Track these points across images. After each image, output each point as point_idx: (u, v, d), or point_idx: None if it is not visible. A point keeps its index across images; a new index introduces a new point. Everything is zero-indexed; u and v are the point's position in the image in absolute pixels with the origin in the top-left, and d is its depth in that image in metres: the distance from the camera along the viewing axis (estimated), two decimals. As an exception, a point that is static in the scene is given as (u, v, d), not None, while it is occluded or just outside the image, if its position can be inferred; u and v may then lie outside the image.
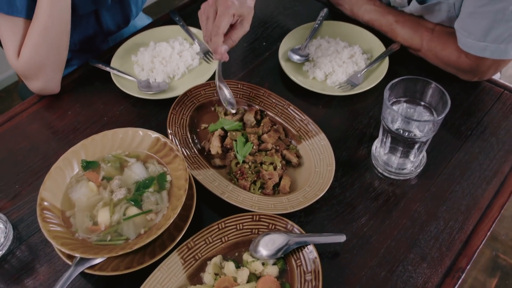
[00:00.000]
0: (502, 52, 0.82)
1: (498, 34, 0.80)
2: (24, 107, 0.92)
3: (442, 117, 0.68)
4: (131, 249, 0.61)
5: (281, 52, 0.98)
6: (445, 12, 0.89)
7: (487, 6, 0.79)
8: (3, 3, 0.85)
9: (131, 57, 0.99)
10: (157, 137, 0.74)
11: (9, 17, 0.87)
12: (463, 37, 0.85)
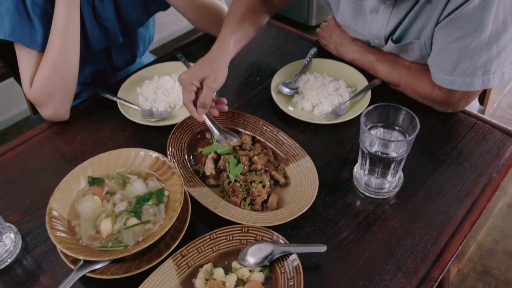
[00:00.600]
0: (469, 84, 0.91)
1: (464, 68, 0.90)
2: (37, 132, 1.01)
3: (413, 137, 0.75)
4: (129, 253, 0.67)
5: (273, 86, 1.07)
6: (418, 51, 0.99)
7: (452, 44, 0.88)
8: (24, 36, 0.96)
9: (137, 88, 1.09)
10: (157, 157, 0.82)
11: (28, 49, 0.97)
12: (435, 72, 0.95)
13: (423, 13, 0.92)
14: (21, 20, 0.96)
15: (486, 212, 1.84)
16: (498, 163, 0.91)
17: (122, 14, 1.13)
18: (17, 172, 0.92)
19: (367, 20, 1.03)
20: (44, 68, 0.97)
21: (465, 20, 0.84)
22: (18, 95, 2.13)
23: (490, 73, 0.89)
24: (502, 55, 0.87)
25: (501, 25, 0.84)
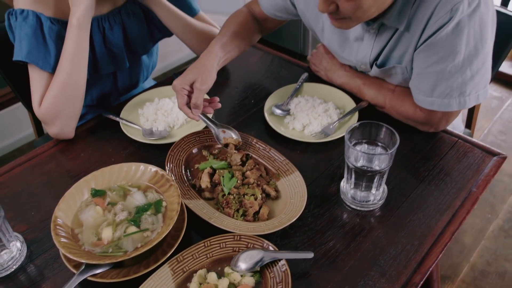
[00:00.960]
0: (447, 105, 0.98)
1: (441, 90, 0.97)
2: (43, 149, 1.07)
3: (393, 150, 0.82)
4: (128, 257, 0.72)
5: (266, 107, 1.14)
6: (400, 75, 1.06)
7: (430, 68, 0.96)
8: (39, 59, 1.04)
9: (138, 110, 1.16)
10: (156, 170, 0.88)
11: (41, 71, 1.05)
12: (415, 94, 1.02)
13: (403, 40, 0.99)
14: (37, 44, 1.04)
15: (479, 235, 1.88)
16: (478, 178, 0.96)
17: (129, 41, 1.21)
18: (24, 186, 0.98)
19: (353, 47, 1.11)
20: (53, 88, 1.04)
21: (439, 45, 0.92)
22: (23, 120, 2.21)
23: (465, 94, 0.96)
24: (475, 78, 0.94)
25: (472, 50, 0.91)
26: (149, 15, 1.24)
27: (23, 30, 1.04)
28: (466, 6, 0.87)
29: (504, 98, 2.67)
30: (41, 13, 1.05)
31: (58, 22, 1.07)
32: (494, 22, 0.96)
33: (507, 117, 2.52)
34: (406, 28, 0.96)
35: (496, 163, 1.00)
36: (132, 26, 1.20)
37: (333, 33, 1.14)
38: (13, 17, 1.05)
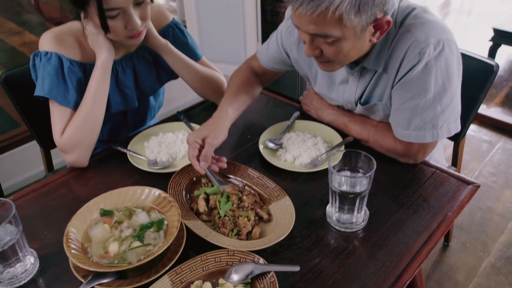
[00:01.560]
0: (422, 137, 1.09)
1: (416, 124, 1.08)
2: (57, 177, 1.17)
3: (372, 173, 0.91)
4: (132, 266, 0.80)
5: (261, 141, 1.25)
6: (382, 111, 1.18)
7: (405, 104, 1.08)
8: (59, 96, 1.17)
9: (144, 143, 1.27)
10: (159, 193, 0.98)
11: (60, 106, 1.17)
12: (394, 128, 1.13)
13: (382, 80, 1.12)
14: (58, 82, 1.17)
15: (471, 272, 1.92)
16: (453, 204, 1.05)
17: (139, 83, 1.34)
18: (38, 208, 1.07)
19: (340, 89, 1.24)
20: (75, 120, 1.16)
21: (412, 84, 1.04)
22: (32, 159, 2.32)
23: (438, 127, 1.07)
24: (446, 112, 1.06)
25: (441, 87, 1.04)
26: (157, 60, 1.38)
27: (46, 69, 1.17)
28: (432, 49, 1.00)
29: (494, 142, 2.79)
30: (63, 55, 1.19)
31: (77, 63, 1.21)
32: (460, 64, 1.08)
33: (497, 159, 2.62)
34: (384, 69, 1.09)
35: (470, 191, 1.09)
36: (142, 70, 1.34)
37: (322, 77, 1.27)
38: (38, 58, 1.19)
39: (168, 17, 1.39)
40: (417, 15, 1.04)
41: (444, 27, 1.04)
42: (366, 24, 0.94)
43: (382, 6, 0.93)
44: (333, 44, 0.98)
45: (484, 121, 3.00)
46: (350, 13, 0.90)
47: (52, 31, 1.20)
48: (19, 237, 0.87)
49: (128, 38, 1.16)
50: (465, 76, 1.52)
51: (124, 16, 1.10)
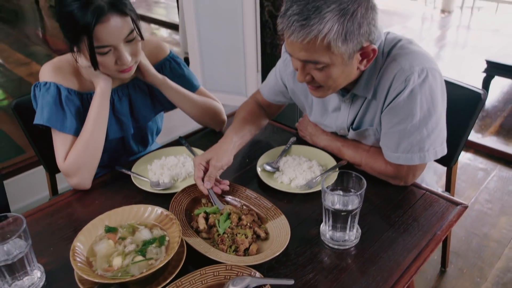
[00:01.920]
0: (410, 159, 1.15)
1: (404, 147, 1.14)
2: (63, 197, 1.23)
3: (362, 191, 0.97)
4: (135, 278, 0.85)
5: (259, 165, 1.31)
6: (373, 136, 1.24)
7: (393, 128, 1.14)
8: (58, 123, 1.23)
9: (147, 166, 1.33)
10: (161, 211, 1.03)
11: (61, 133, 1.24)
12: (384, 151, 1.19)
13: (372, 106, 1.19)
14: (56, 110, 1.24)
15: (468, 298, 1.93)
16: (442, 223, 1.10)
17: (134, 111, 1.41)
18: (44, 226, 1.12)
19: (333, 116, 1.31)
20: (78, 145, 1.22)
21: (399, 109, 1.11)
22: (37, 185, 2.37)
23: (424, 150, 1.13)
24: (431, 136, 1.12)
25: (426, 112, 1.10)
26: (152, 90, 1.44)
27: (45, 98, 1.24)
28: (417, 77, 1.08)
29: (489, 170, 2.84)
30: (61, 84, 1.26)
31: (74, 92, 1.29)
32: (444, 91, 1.16)
33: (492, 187, 2.67)
34: (373, 96, 1.16)
35: (458, 211, 1.14)
36: (137, 99, 1.41)
37: (317, 105, 1.35)
38: (38, 88, 1.27)
39: (166, 51, 1.47)
40: (402, 46, 1.12)
41: (428, 57, 1.12)
42: (353, 52, 1.02)
43: (367, 35, 1.01)
44: (322, 70, 1.06)
45: (479, 149, 3.06)
46: (337, 41, 0.98)
47: (52, 62, 1.28)
48: (28, 251, 0.92)
49: (119, 72, 1.22)
50: (455, 104, 1.60)
51: (115, 52, 1.17)
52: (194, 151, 1.39)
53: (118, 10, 1.12)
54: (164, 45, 1.48)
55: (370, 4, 1.00)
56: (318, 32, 0.97)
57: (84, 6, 1.09)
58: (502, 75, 3.66)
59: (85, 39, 1.12)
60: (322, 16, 0.96)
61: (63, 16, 1.13)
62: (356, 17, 0.97)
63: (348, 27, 0.97)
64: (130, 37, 1.17)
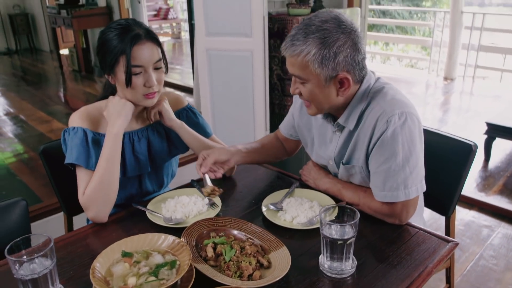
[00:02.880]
0: (396, 197, 1.26)
1: (390, 185, 1.26)
2: (83, 229, 1.34)
3: (355, 221, 1.07)
4: (148, 293, 0.94)
5: (264, 205, 1.42)
6: (359, 174, 1.36)
7: (379, 167, 1.27)
8: (84, 161, 1.38)
9: (161, 204, 1.44)
10: (174, 239, 1.13)
11: (85, 169, 1.38)
12: (374, 190, 1.31)
13: (359, 144, 1.34)
14: (83, 151, 1.39)
15: None
16: (433, 257, 1.18)
17: (152, 152, 1.56)
18: (65, 254, 1.22)
19: (327, 146, 1.47)
20: (93, 180, 1.36)
21: (383, 148, 1.25)
22: (54, 232, 2.47)
23: (408, 187, 1.25)
24: (413, 173, 1.25)
25: (407, 151, 1.24)
26: (169, 135, 1.60)
27: (73, 141, 1.40)
28: (397, 119, 1.24)
29: (494, 227, 2.88)
30: (88, 128, 1.43)
31: (98, 134, 1.45)
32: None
33: (497, 243, 2.70)
34: (357, 132, 1.32)
35: (449, 247, 1.22)
36: (155, 141, 1.56)
37: (317, 138, 1.51)
38: (67, 133, 1.43)
39: (184, 102, 1.67)
40: (387, 93, 1.29)
41: (408, 103, 1.28)
42: (329, 76, 1.23)
43: (346, 66, 1.23)
44: (304, 85, 1.28)
45: (483, 207, 3.11)
46: (314, 62, 1.21)
47: (79, 111, 1.47)
48: (52, 268, 1.01)
49: (144, 96, 1.40)
50: (449, 155, 1.73)
51: (144, 75, 1.37)
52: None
53: (151, 38, 1.38)
54: (183, 97, 1.68)
55: (351, 43, 1.22)
56: (301, 51, 1.21)
57: (125, 33, 1.34)
58: (503, 137, 3.79)
59: (121, 60, 1.33)
60: (306, 40, 1.21)
61: (105, 42, 1.36)
62: (332, 48, 1.20)
63: (324, 54, 1.20)
64: (158, 64, 1.39)
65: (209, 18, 3.11)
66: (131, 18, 1.47)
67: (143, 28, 1.39)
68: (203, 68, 3.28)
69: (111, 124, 1.41)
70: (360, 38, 1.24)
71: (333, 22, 1.22)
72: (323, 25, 1.21)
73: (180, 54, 9.74)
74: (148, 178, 1.60)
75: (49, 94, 6.24)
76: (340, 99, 1.30)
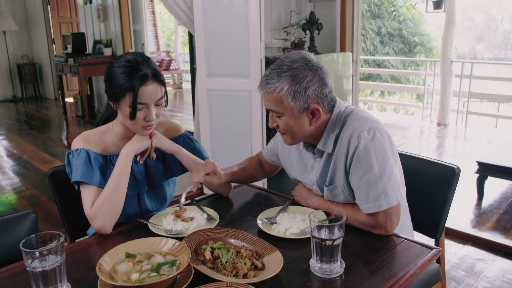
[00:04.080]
0: (379, 206, 1.36)
1: (372, 196, 1.37)
2: (87, 240, 1.42)
3: (343, 222, 1.16)
4: (150, 283, 1.02)
5: (259, 219, 1.51)
6: (342, 193, 1.47)
7: (360, 182, 1.38)
8: (88, 178, 1.48)
9: (162, 218, 1.53)
10: (174, 242, 1.22)
11: (89, 185, 1.48)
12: (359, 204, 1.41)
13: (337, 165, 1.46)
14: (87, 169, 1.51)
15: None
16: (417, 261, 1.26)
17: (149, 172, 1.66)
18: (71, 259, 1.30)
19: (310, 173, 1.57)
20: (103, 194, 1.46)
21: (360, 163, 1.38)
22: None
23: (388, 195, 1.36)
24: (390, 182, 1.37)
25: (382, 162, 1.36)
26: (165, 159, 1.71)
27: (77, 161, 1.52)
28: (366, 134, 1.38)
29: (488, 260, 2.92)
30: (90, 149, 1.55)
31: (100, 155, 1.57)
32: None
33: (491, 275, 2.73)
34: (334, 153, 1.44)
35: (433, 254, 1.30)
36: (151, 163, 1.67)
37: (297, 166, 1.62)
38: (71, 155, 1.55)
39: (181, 130, 1.80)
40: (356, 114, 1.45)
41: (375, 120, 1.43)
42: (301, 108, 1.38)
43: (315, 98, 1.39)
44: (280, 118, 1.42)
45: (477, 242, 3.16)
46: (287, 97, 1.37)
47: (80, 135, 1.60)
48: (61, 264, 1.09)
49: (143, 127, 1.53)
50: (434, 178, 1.85)
51: (146, 110, 1.50)
52: (203, 208, 1.60)
53: (157, 79, 1.50)
54: (180, 126, 1.82)
55: (318, 79, 1.38)
56: (275, 88, 1.37)
57: (134, 72, 1.47)
58: (494, 175, 3.89)
59: (128, 96, 1.46)
60: (279, 78, 1.37)
61: (114, 76, 1.49)
62: (302, 84, 1.36)
63: (296, 89, 1.36)
64: (159, 101, 1.52)
65: (210, 61, 3.32)
66: (139, 54, 1.57)
67: (151, 68, 1.51)
68: (203, 107, 3.45)
69: (125, 147, 1.55)
70: (326, 74, 1.42)
71: (301, 61, 1.38)
72: (293, 65, 1.37)
73: (181, 102, 10.05)
74: (147, 197, 1.70)
75: (52, 138, 6.40)
76: (312, 128, 1.44)
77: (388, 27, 11.97)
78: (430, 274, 1.76)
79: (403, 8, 12.40)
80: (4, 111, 8.50)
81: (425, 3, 7.90)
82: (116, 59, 1.54)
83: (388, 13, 12.25)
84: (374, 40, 11.88)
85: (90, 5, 7.13)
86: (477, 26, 15.94)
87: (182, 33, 10.99)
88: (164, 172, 1.71)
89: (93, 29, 7.25)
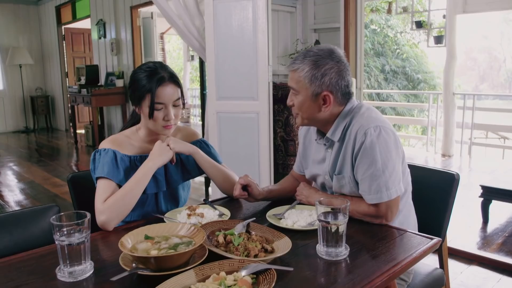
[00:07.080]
0: (380, 198, 1.45)
1: (375, 188, 1.46)
2: (104, 232, 1.51)
3: (347, 206, 1.25)
4: (167, 254, 1.10)
5: (267, 215, 1.59)
6: (348, 184, 1.56)
7: (364, 174, 1.48)
8: (113, 176, 1.58)
9: (177, 214, 1.62)
10: (189, 226, 1.30)
11: (110, 181, 1.58)
12: (363, 195, 1.50)
13: (346, 156, 1.56)
14: (113, 167, 1.61)
15: None
16: (417, 248, 1.33)
17: (168, 173, 1.77)
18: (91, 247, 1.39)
19: (323, 164, 1.67)
20: (118, 193, 1.56)
21: (365, 157, 1.48)
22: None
23: (389, 188, 1.45)
24: (392, 176, 1.46)
25: (385, 158, 1.46)
26: (183, 162, 1.82)
27: (105, 159, 1.63)
28: (373, 131, 1.48)
29: (494, 279, 2.93)
30: (117, 150, 1.66)
31: (126, 156, 1.68)
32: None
33: (497, 293, 2.74)
34: (344, 146, 1.55)
35: (433, 243, 1.37)
36: (170, 165, 1.77)
37: (314, 159, 1.74)
38: (98, 153, 1.66)
39: (198, 136, 1.93)
40: (364, 112, 1.57)
41: (382, 119, 1.54)
42: (315, 92, 1.52)
43: (329, 87, 1.52)
44: (296, 96, 1.56)
45: (483, 262, 3.18)
46: (305, 78, 1.52)
47: (108, 138, 1.72)
48: (86, 240, 1.18)
49: (163, 127, 1.65)
50: (436, 185, 1.93)
51: (164, 110, 1.63)
52: (215, 206, 1.69)
53: (173, 81, 1.64)
54: (198, 132, 1.94)
55: (337, 70, 1.52)
56: (298, 68, 1.54)
57: (152, 75, 1.61)
58: (498, 199, 3.94)
59: (147, 97, 1.58)
60: (303, 61, 1.53)
61: (136, 80, 1.63)
62: (321, 70, 1.50)
63: (314, 73, 1.51)
64: (177, 102, 1.64)
65: (220, 84, 3.48)
66: (158, 62, 1.76)
67: (168, 72, 1.67)
68: (213, 129, 3.58)
69: (150, 159, 1.65)
70: (346, 69, 1.55)
71: (327, 51, 1.54)
72: (319, 52, 1.53)
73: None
74: (164, 198, 1.79)
75: (63, 164, 6.55)
76: (322, 114, 1.57)
77: (392, 64, 12.27)
78: (434, 279, 1.82)
79: (406, 47, 12.73)
80: (16, 141, 8.72)
81: (426, 40, 8.17)
82: (138, 67, 1.70)
83: (391, 51, 12.58)
84: (378, 77, 12.15)
85: (104, 39, 7.47)
86: (480, 66, 16.28)
87: (191, 70, 11.34)
88: (181, 174, 1.81)
89: (106, 62, 7.55)
